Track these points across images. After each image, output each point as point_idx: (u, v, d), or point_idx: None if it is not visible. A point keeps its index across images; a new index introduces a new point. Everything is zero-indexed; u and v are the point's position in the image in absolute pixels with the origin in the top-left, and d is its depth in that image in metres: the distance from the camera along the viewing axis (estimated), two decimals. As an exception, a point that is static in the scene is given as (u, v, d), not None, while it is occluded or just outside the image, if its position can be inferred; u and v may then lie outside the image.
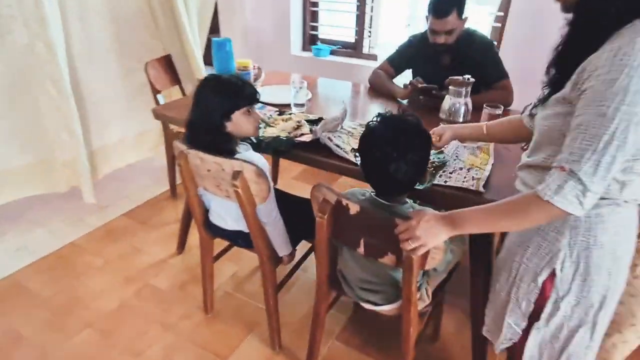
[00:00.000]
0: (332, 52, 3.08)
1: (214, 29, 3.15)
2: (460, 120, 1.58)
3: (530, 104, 1.16)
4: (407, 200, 1.06)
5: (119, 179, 2.69)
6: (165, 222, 2.33)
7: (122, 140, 2.65)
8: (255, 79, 1.98)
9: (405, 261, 0.97)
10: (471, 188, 1.16)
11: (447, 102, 1.59)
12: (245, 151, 1.31)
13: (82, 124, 2.31)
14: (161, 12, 2.42)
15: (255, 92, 1.25)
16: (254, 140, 1.41)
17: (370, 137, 0.99)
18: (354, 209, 1.00)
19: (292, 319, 1.71)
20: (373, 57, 2.89)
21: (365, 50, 2.97)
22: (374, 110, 1.91)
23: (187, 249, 2.11)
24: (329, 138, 1.37)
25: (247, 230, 1.34)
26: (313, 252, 1.65)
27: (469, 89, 1.56)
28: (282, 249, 1.41)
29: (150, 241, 2.19)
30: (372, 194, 1.07)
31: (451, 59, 1.95)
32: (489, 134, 1.25)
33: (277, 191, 1.53)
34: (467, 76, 1.57)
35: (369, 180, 1.04)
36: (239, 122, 1.22)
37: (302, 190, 1.50)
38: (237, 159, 1.19)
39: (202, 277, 1.66)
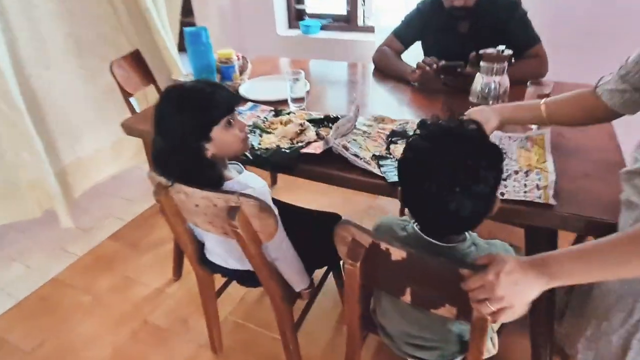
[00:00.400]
0: (323, 28, 2.74)
1: (187, 11, 2.79)
2: (501, 102, 1.30)
3: (610, 74, 0.89)
4: (467, 233, 0.79)
5: (101, 195, 2.41)
6: (158, 242, 2.07)
7: (98, 151, 2.35)
8: (241, 72, 1.67)
9: (476, 322, 0.72)
10: (538, 201, 0.89)
11: (479, 82, 1.30)
12: (238, 173, 1.03)
13: (46, 138, 2.01)
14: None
15: (232, 95, 0.96)
16: (250, 156, 1.13)
17: (418, 164, 0.71)
18: (397, 254, 0.74)
19: (313, 350, 1.47)
20: (370, 30, 2.56)
21: (360, 22, 2.64)
22: (383, 96, 1.61)
23: (185, 273, 1.86)
24: (344, 146, 1.09)
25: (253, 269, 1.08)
26: (332, 273, 1.41)
27: (506, 64, 1.27)
28: (299, 284, 1.16)
29: (143, 267, 1.93)
30: (415, 227, 0.81)
31: (470, 25, 1.64)
32: (550, 115, 0.99)
33: (280, 204, 1.27)
34: (501, 47, 1.28)
35: (416, 216, 0.77)
36: (221, 140, 0.93)
37: (308, 189, 1.22)
38: (230, 191, 0.91)
39: (205, 316, 1.41)
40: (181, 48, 2.27)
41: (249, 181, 0.97)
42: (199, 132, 0.89)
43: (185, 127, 0.87)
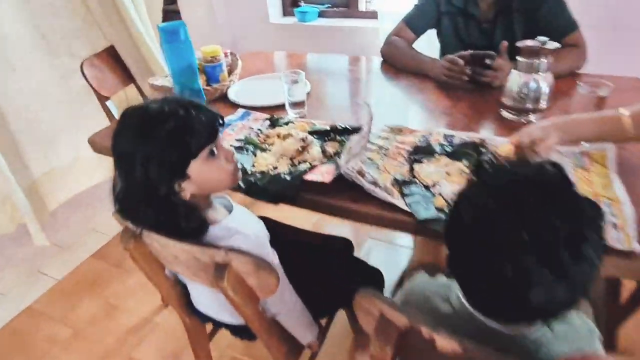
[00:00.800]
0: (321, 14, 2.48)
1: None
2: (543, 107, 1.08)
3: None
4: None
5: (82, 208, 2.19)
6: (145, 261, 1.87)
7: (77, 159, 2.13)
8: (230, 71, 1.44)
9: None
10: (618, 247, 0.68)
11: (515, 80, 1.08)
12: (227, 211, 0.81)
13: (12, 149, 1.80)
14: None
15: (213, 115, 0.72)
16: (242, 184, 0.92)
17: (481, 232, 0.49)
18: (447, 345, 0.54)
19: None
20: (373, 15, 2.31)
21: (361, 6, 2.38)
22: (395, 97, 1.38)
23: (175, 299, 1.66)
24: (359, 172, 0.87)
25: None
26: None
27: (550, 59, 1.05)
28: (306, 337, 0.96)
29: (129, 292, 1.73)
30: (463, 299, 0.60)
31: (495, 8, 1.41)
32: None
33: (275, 227, 1.07)
34: (543, 38, 1.05)
35: (472, 295, 0.56)
36: (201, 177, 0.71)
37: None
38: (216, 246, 0.70)
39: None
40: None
41: (240, 225, 0.76)
42: (171, 171, 0.68)
43: (152, 167, 0.65)
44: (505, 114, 1.13)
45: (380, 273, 1.12)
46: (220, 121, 0.73)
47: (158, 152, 0.65)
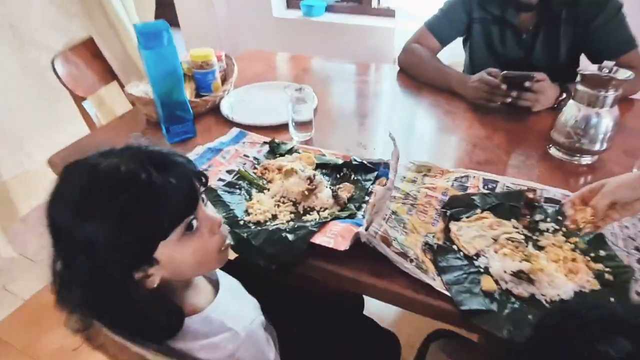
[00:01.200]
0: (329, 9, 2.25)
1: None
2: (603, 147, 0.88)
3: None
4: None
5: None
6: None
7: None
8: (224, 79, 1.23)
9: None
10: None
11: (572, 113, 0.88)
12: (210, 291, 0.61)
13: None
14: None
15: (192, 176, 0.51)
16: (231, 242, 0.72)
17: None
18: None
19: None
20: (389, 13, 2.08)
21: (374, 2, 2.15)
22: (416, 120, 1.18)
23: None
24: (383, 239, 0.67)
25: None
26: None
27: (619, 92, 0.85)
28: None
29: (103, 319, 1.54)
30: None
31: (537, 18, 1.21)
32: None
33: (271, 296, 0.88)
34: (609, 64, 0.85)
35: None
36: (176, 260, 0.51)
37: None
38: (193, 358, 0.50)
39: None
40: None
41: (227, 315, 0.56)
42: (129, 258, 0.47)
43: (100, 254, 0.46)
44: (554, 151, 0.94)
45: (394, 337, 0.93)
46: (203, 180, 0.53)
47: (108, 235, 0.45)
